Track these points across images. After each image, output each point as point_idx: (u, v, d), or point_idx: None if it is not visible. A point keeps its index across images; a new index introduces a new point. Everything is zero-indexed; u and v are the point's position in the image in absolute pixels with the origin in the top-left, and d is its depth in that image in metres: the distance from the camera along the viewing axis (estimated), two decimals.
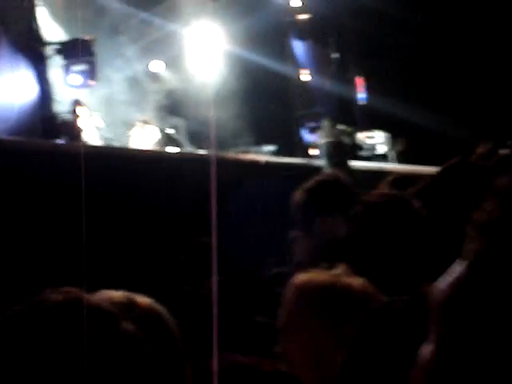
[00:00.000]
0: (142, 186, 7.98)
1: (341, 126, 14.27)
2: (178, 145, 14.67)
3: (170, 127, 15.45)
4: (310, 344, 1.93)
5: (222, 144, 16.13)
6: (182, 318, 1.75)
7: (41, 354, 1.21)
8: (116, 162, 8.25)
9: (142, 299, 1.72)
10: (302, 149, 17.25)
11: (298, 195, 3.33)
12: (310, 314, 1.97)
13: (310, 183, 3.35)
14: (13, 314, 1.27)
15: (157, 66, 17.52)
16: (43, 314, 1.25)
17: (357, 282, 2.01)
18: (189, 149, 14.43)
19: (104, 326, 1.26)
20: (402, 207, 2.51)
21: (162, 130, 15.15)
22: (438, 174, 2.64)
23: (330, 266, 2.09)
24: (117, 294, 1.70)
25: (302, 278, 2.06)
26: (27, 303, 1.28)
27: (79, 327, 1.21)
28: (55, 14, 13.67)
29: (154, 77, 17.73)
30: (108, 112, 14.57)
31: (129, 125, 14.67)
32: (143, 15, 16.82)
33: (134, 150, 11.90)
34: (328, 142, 13.21)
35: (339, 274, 2.05)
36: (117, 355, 1.25)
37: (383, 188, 5.02)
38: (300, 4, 17.25)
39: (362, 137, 15.87)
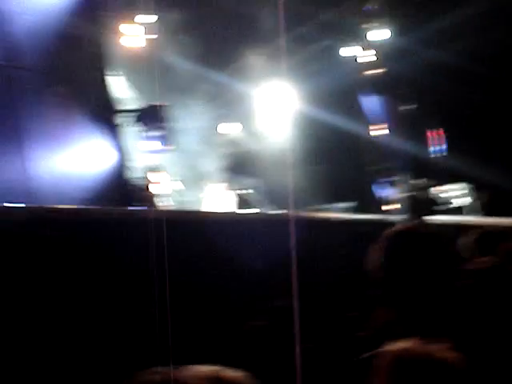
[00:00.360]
0: (218, 249, 7.90)
1: (417, 181, 14.03)
2: (253, 206, 14.63)
3: (245, 188, 15.44)
4: None
5: (296, 203, 16.05)
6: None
7: None
8: (190, 225, 8.20)
9: (231, 374, 1.66)
10: (376, 205, 17.05)
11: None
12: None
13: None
14: None
15: (229, 127, 17.65)
16: None
17: (452, 356, 1.90)
18: (264, 209, 14.35)
19: None
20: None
21: (236, 192, 15.15)
22: None
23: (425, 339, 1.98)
24: (204, 370, 1.66)
25: (396, 347, 1.98)
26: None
27: None
28: (130, 81, 13.93)
29: (227, 138, 17.85)
30: (182, 175, 14.68)
31: (203, 187, 14.72)
32: (215, 76, 17.02)
33: (209, 212, 11.88)
34: (405, 197, 13.01)
35: (435, 347, 1.95)
36: None
37: (469, 243, 4.79)
38: (374, 59, 17.21)
39: (438, 191, 15.58)
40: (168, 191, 13.11)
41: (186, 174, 15.08)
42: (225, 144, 17.46)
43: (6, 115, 9.59)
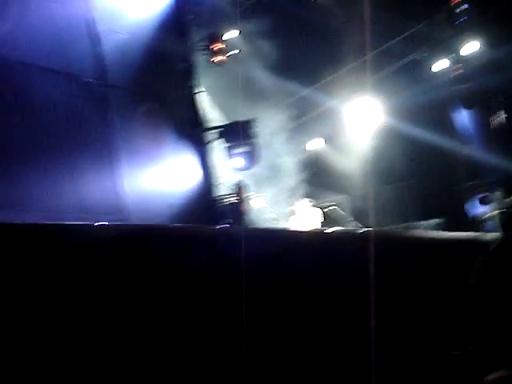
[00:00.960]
0: (305, 267, 7.78)
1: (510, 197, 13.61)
2: (341, 222, 14.45)
3: (332, 205, 15.28)
4: None
5: (387, 219, 15.80)
6: None
7: None
8: (278, 243, 8.12)
9: None
10: (468, 222, 16.63)
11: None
12: None
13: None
14: None
15: (317, 142, 17.54)
16: None
17: None
18: (353, 226, 14.16)
19: None
20: None
21: (321, 208, 15.01)
22: None
23: None
24: None
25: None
26: None
27: None
28: (216, 99, 13.98)
29: (315, 154, 17.74)
30: (270, 192, 14.62)
31: (290, 204, 14.61)
32: (303, 92, 16.96)
33: (295, 230, 11.76)
34: (500, 214, 12.61)
35: None
36: None
37: None
38: (462, 72, 16.83)
39: None
40: (253, 209, 13.07)
41: (271, 190, 15.02)
42: (311, 160, 17.37)
43: (98, 133, 9.75)
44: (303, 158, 17.07)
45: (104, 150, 9.79)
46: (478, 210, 15.61)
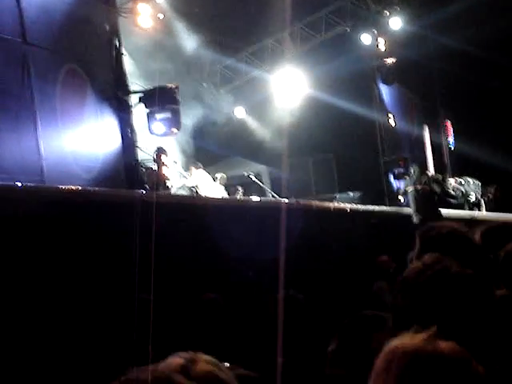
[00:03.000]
0: (218, 235, 7.85)
1: (430, 173, 13.91)
2: (260, 192, 14.54)
3: (253, 174, 15.38)
4: None
5: (307, 191, 15.97)
6: None
7: None
8: (191, 211, 8.17)
9: (203, 363, 1.65)
10: (388, 195, 16.94)
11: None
12: (391, 382, 1.79)
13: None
14: None
15: (240, 111, 17.56)
16: None
17: (449, 347, 1.81)
18: (271, 196, 14.27)
19: None
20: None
21: (244, 176, 15.08)
22: None
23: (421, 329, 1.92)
24: (177, 360, 1.64)
25: (392, 342, 1.92)
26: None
27: None
28: (139, 62, 13.84)
29: (238, 123, 17.77)
30: (190, 159, 14.60)
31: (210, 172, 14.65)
32: (227, 62, 16.92)
33: (209, 199, 11.79)
34: (417, 189, 12.87)
35: (431, 338, 1.89)
36: None
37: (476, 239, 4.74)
38: (386, 48, 17.06)
39: (452, 183, 15.43)
40: (173, 174, 13.03)
41: (192, 158, 15.00)
42: (233, 129, 17.39)
43: (16, 93, 9.54)
44: (225, 126, 17.08)
45: (22, 110, 9.58)
46: (397, 184, 15.95)
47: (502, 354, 2.29)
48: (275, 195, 13.82)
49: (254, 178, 14.81)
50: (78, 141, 10.67)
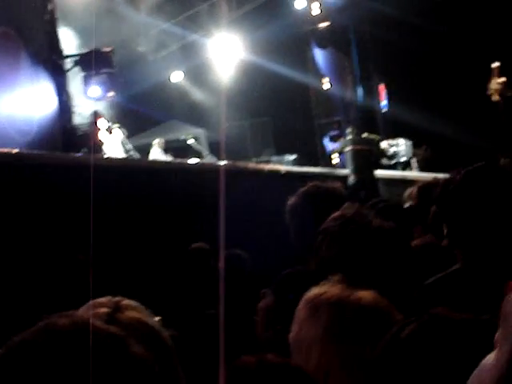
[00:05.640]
0: (158, 198, 7.94)
1: (364, 134, 14.15)
2: (198, 155, 14.65)
3: (192, 137, 15.46)
4: (319, 361, 1.87)
5: (244, 154, 16.11)
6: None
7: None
8: (130, 174, 8.22)
9: (130, 309, 1.67)
10: (323, 158, 17.19)
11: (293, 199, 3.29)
12: (319, 330, 1.89)
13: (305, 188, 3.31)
14: (23, 341, 1.22)
15: (177, 76, 17.56)
16: (52, 342, 1.21)
17: (368, 296, 1.92)
18: (209, 159, 14.39)
19: (114, 351, 1.23)
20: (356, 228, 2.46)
21: (183, 140, 15.16)
22: (463, 175, 2.54)
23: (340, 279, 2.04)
24: (104, 304, 1.66)
25: (313, 291, 2.01)
26: (35, 329, 1.24)
27: (88, 353, 1.17)
28: (74, 26, 13.71)
29: (175, 87, 17.77)
30: (127, 124, 14.58)
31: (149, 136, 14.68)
32: (163, 26, 16.86)
33: (149, 161, 11.85)
34: (355, 150, 13.09)
35: (351, 288, 2.00)
36: (128, 380, 1.22)
37: (411, 195, 5.01)
38: (319, 12, 17.20)
39: (385, 145, 15.75)
40: (109, 139, 13.01)
41: (128, 122, 14.94)
42: (171, 93, 17.34)
43: None
44: (162, 91, 17.06)
45: None
46: (332, 146, 16.18)
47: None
48: (213, 158, 13.96)
49: (192, 142, 14.90)
50: (12, 104, 10.59)
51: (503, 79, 13.89)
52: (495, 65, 13.91)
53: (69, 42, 13.22)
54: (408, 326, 1.48)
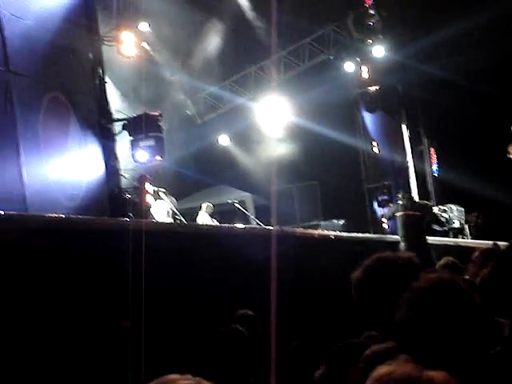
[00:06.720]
0: (205, 262, 7.82)
1: (415, 199, 13.93)
2: (244, 219, 14.50)
3: (237, 202, 15.34)
4: None
5: (292, 218, 15.94)
6: None
7: None
8: (179, 238, 8.11)
9: None
10: (373, 222, 16.94)
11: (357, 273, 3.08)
12: None
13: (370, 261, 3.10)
14: None
15: (224, 139, 17.58)
16: None
17: (439, 375, 1.80)
18: (256, 223, 14.22)
19: None
20: (451, 291, 2.27)
21: (228, 204, 15.04)
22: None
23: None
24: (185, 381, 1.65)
25: (382, 370, 1.87)
26: None
27: None
28: (123, 91, 13.83)
29: (222, 151, 17.78)
30: (174, 187, 14.55)
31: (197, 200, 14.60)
32: (211, 89, 16.96)
33: (198, 226, 11.71)
34: (407, 215, 12.80)
35: (419, 367, 1.86)
36: None
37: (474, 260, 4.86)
38: (369, 76, 17.16)
39: (437, 210, 15.44)
40: (157, 202, 12.97)
41: (177, 185, 14.91)
42: (218, 156, 17.34)
43: (2, 121, 9.48)
44: (209, 154, 17.08)
45: (4, 138, 9.52)
46: (381, 211, 15.96)
47: None
48: (259, 223, 13.78)
49: (238, 206, 14.78)
50: (61, 169, 10.61)
51: None
52: None
53: (117, 104, 13.33)
54: None
